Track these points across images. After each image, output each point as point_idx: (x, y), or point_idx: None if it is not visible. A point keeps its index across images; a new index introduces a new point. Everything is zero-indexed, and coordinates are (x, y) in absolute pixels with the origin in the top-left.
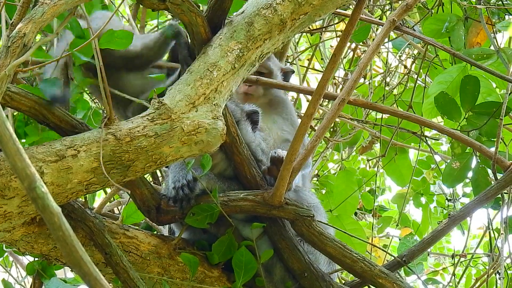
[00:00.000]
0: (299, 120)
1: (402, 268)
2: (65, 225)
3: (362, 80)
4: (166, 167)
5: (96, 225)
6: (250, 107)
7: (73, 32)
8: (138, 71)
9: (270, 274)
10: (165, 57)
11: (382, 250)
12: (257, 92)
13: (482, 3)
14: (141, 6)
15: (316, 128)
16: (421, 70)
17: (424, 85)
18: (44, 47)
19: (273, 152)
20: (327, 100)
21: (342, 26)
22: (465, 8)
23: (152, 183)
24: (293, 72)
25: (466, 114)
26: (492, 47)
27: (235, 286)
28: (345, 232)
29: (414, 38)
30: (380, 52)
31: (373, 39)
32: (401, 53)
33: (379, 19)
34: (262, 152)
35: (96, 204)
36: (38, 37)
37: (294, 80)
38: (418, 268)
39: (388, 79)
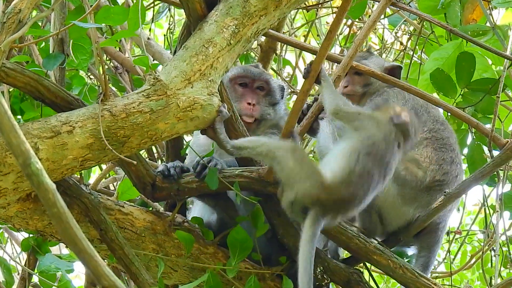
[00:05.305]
0: None
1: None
2: (60, 201)
3: None
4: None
5: (91, 202)
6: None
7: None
8: None
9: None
10: None
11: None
12: (356, 90)
13: None
14: None
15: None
16: (417, 47)
17: (420, 61)
18: (39, 23)
19: None
20: None
21: (338, 2)
22: None
23: (147, 159)
24: (401, 68)
25: (461, 90)
26: (488, 24)
27: (230, 264)
28: None
29: (410, 15)
30: (376, 29)
31: (369, 16)
32: (397, 29)
33: None
34: None
35: (91, 181)
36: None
37: (290, 56)
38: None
39: (384, 56)
